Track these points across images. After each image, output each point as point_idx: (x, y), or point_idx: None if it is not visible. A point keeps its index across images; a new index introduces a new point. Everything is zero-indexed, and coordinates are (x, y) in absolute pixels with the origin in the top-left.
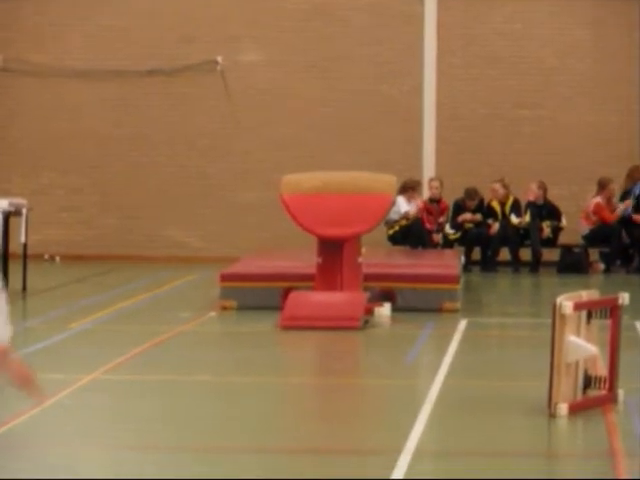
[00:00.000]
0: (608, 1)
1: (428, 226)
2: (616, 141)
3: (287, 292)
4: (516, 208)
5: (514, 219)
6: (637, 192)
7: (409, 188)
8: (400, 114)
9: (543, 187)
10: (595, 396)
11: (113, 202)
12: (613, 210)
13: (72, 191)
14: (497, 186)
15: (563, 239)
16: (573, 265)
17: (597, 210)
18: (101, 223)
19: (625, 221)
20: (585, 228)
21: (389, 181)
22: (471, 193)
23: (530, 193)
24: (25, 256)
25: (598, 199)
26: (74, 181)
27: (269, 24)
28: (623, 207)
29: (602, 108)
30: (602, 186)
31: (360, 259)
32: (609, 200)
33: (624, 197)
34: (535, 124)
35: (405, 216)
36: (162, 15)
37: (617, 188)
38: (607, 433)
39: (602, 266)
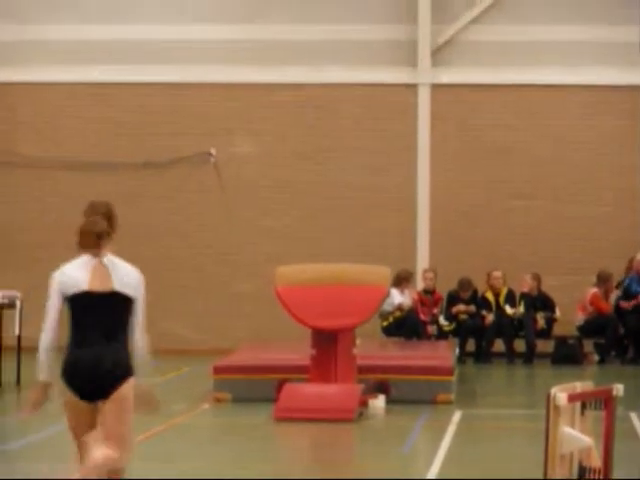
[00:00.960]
0: (603, 91)
1: (422, 317)
2: (610, 232)
3: (281, 384)
4: (510, 299)
5: (508, 310)
6: (626, 282)
7: (402, 279)
8: (394, 205)
9: (537, 278)
10: None
11: None
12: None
13: None
14: (497, 274)
15: (557, 330)
16: (567, 356)
17: (594, 300)
18: None
19: (620, 312)
20: (580, 318)
21: (383, 273)
22: (464, 284)
23: (524, 284)
24: (19, 348)
25: (595, 289)
26: None
27: (262, 116)
28: (615, 296)
29: (596, 199)
30: (602, 280)
31: (354, 351)
32: (607, 294)
33: (618, 287)
34: (528, 214)
35: (399, 307)
36: (155, 107)
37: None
38: None
39: (596, 357)
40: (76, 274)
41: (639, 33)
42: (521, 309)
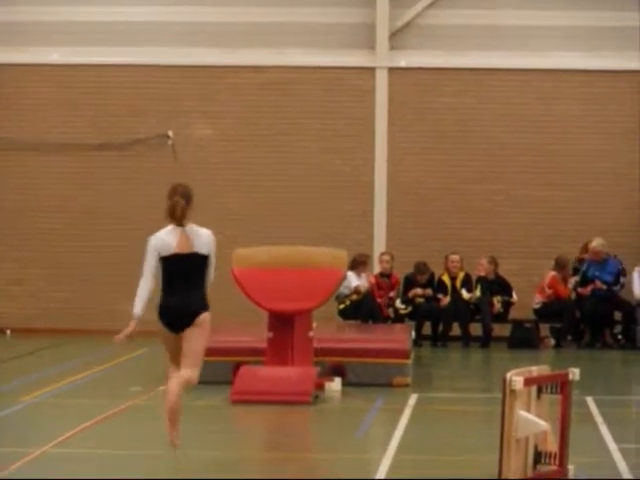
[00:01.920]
0: (562, 75)
1: (379, 300)
2: (566, 216)
3: (238, 367)
4: (467, 283)
5: (465, 294)
6: (584, 268)
7: (359, 263)
8: (351, 188)
9: (494, 262)
10: (545, 471)
11: (64, 275)
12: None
13: (22, 264)
14: (454, 257)
15: (514, 314)
16: (524, 340)
17: (552, 283)
18: (52, 297)
19: (577, 297)
20: (538, 302)
21: (340, 256)
22: (421, 267)
23: (481, 268)
24: None
25: (554, 273)
26: (24, 254)
27: (220, 98)
28: (573, 281)
29: (553, 183)
30: (560, 265)
31: (311, 334)
32: (565, 279)
33: (575, 272)
34: (486, 198)
35: (356, 291)
36: (113, 89)
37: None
38: None
39: (553, 341)
40: (167, 239)
41: (601, 18)
42: (477, 293)
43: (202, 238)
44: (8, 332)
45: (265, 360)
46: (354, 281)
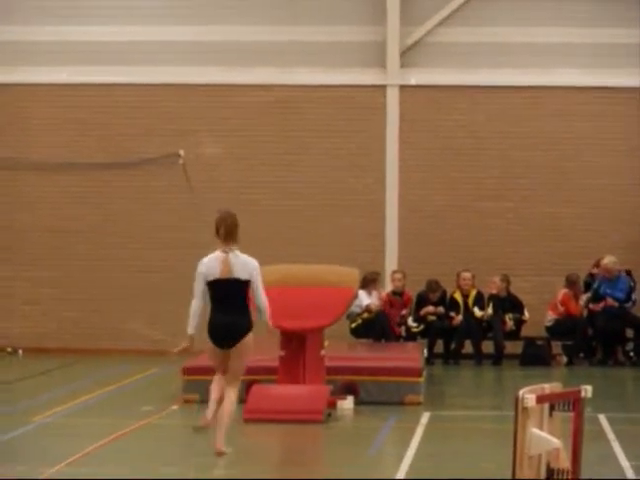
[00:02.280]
0: (573, 93)
1: (391, 319)
2: (577, 233)
3: (250, 385)
4: (479, 300)
5: (477, 312)
6: (595, 285)
7: (370, 281)
8: (363, 206)
9: (506, 280)
10: None
11: (75, 295)
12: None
13: (34, 284)
14: (466, 275)
15: (526, 332)
16: (536, 357)
17: (564, 301)
18: (63, 316)
19: (589, 314)
20: (551, 319)
21: (351, 274)
22: (433, 285)
23: (493, 286)
24: None
25: (566, 290)
26: (35, 274)
27: (230, 117)
28: (585, 298)
29: (563, 199)
30: (571, 282)
31: (323, 352)
32: (576, 296)
33: (587, 288)
34: (497, 216)
35: (367, 309)
36: (123, 108)
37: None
38: None
39: (565, 359)
40: (212, 265)
41: (610, 35)
42: (489, 311)
43: (244, 265)
44: (20, 352)
45: (277, 378)
46: (365, 299)
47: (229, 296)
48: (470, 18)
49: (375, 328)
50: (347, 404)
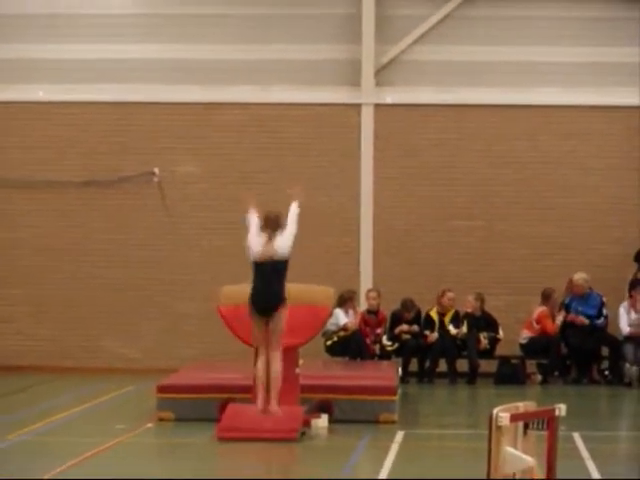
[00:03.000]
0: (544, 110)
1: (366, 337)
2: (551, 252)
3: (225, 403)
4: (456, 319)
5: (452, 330)
6: (566, 301)
7: (346, 299)
8: (337, 224)
9: (480, 298)
10: None
11: (49, 313)
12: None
13: (7, 302)
14: (451, 295)
15: (500, 350)
16: (510, 376)
17: (541, 318)
18: (37, 334)
19: (564, 332)
20: (525, 337)
21: (327, 292)
22: (408, 304)
23: (467, 304)
24: None
25: (543, 308)
26: (10, 292)
27: (206, 135)
28: (561, 318)
29: (537, 218)
30: (545, 297)
31: (297, 370)
32: (552, 310)
33: (561, 309)
34: (471, 234)
35: (344, 328)
36: (99, 126)
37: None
38: None
39: (539, 377)
40: (256, 243)
41: (586, 54)
42: (464, 329)
43: (281, 247)
44: None
45: (252, 397)
46: (342, 318)
47: (270, 270)
48: (445, 37)
49: (350, 346)
50: (322, 422)
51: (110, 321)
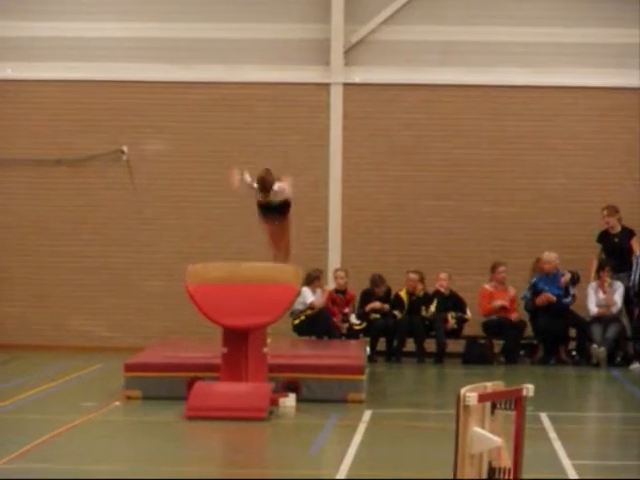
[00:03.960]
0: (512, 91)
1: (334, 316)
2: (520, 232)
3: (192, 382)
4: (424, 299)
5: (423, 310)
6: (533, 281)
7: (314, 278)
8: (306, 204)
9: (448, 278)
10: None
11: (15, 291)
12: (511, 299)
13: None
14: (414, 277)
15: (468, 330)
16: (478, 356)
17: (479, 297)
18: (4, 312)
19: (532, 312)
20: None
21: (294, 272)
22: (377, 280)
23: (443, 283)
24: None
25: (487, 285)
26: None
27: (175, 114)
28: (500, 303)
29: (506, 199)
30: (492, 269)
31: (265, 349)
32: (500, 282)
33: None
34: (439, 214)
35: (310, 306)
36: (69, 105)
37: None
38: None
39: (502, 359)
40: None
41: (550, 35)
42: (432, 308)
43: (280, 193)
44: None
45: (220, 376)
46: (309, 297)
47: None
48: (415, 16)
49: (318, 325)
50: (289, 401)
51: (78, 299)
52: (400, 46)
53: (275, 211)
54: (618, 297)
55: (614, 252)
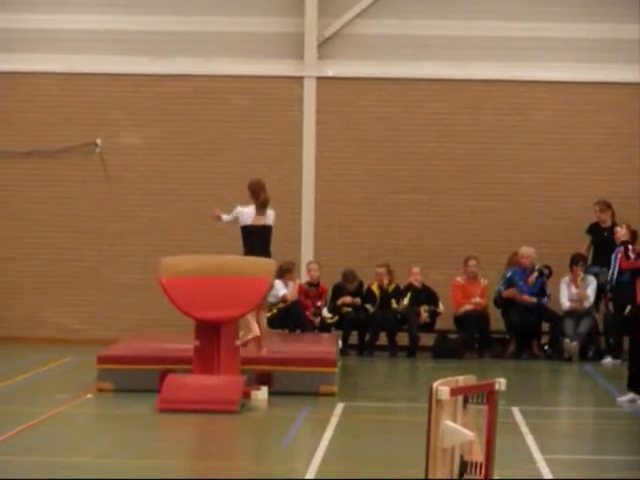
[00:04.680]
0: (486, 84)
1: (306, 309)
2: (492, 226)
3: (164, 375)
4: (396, 293)
5: (393, 304)
6: (508, 274)
7: (286, 271)
8: (278, 197)
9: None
10: None
11: None
12: (483, 291)
13: None
14: (381, 270)
15: (440, 324)
16: (450, 350)
17: (452, 290)
18: None
19: (503, 305)
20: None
21: (267, 264)
22: (349, 276)
23: (412, 276)
24: None
25: (459, 279)
26: None
27: (149, 107)
28: (475, 300)
29: (479, 193)
30: (464, 263)
31: (238, 342)
32: (472, 276)
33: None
34: (412, 208)
35: (283, 299)
36: (41, 96)
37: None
38: None
39: (475, 354)
40: (248, 213)
41: (523, 29)
42: (405, 302)
43: (271, 217)
44: None
45: (192, 368)
46: (281, 289)
47: (259, 235)
48: (389, 10)
49: (290, 318)
50: (261, 394)
51: (51, 291)
52: (374, 40)
53: (258, 235)
54: (591, 292)
55: (602, 246)
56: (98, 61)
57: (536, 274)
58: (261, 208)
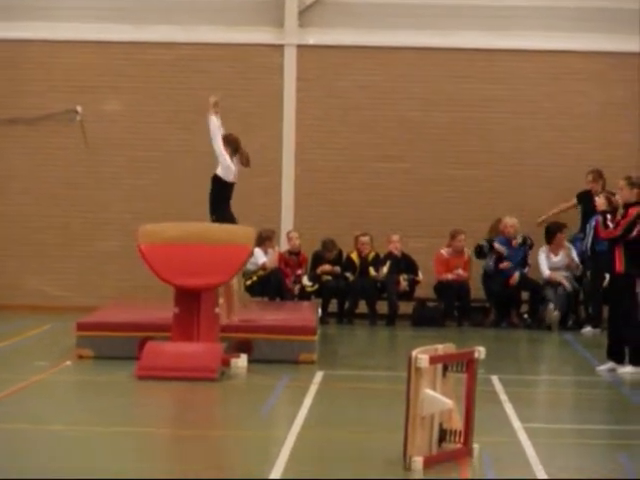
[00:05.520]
0: (469, 52)
1: (286, 278)
2: (474, 195)
3: (144, 342)
4: (377, 263)
5: (372, 272)
6: (495, 245)
7: (265, 238)
8: (259, 165)
9: (402, 240)
10: (450, 450)
11: None
12: (465, 263)
13: None
14: (365, 239)
15: (419, 292)
16: (429, 318)
17: (435, 263)
18: None
19: (486, 275)
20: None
21: (247, 232)
22: (328, 245)
23: (392, 244)
24: None
25: (443, 251)
26: None
27: (130, 74)
28: (458, 272)
29: (461, 162)
30: (452, 237)
31: (217, 310)
32: (458, 252)
33: (481, 253)
34: (393, 177)
35: (262, 267)
36: (24, 64)
37: (465, 239)
38: None
39: (455, 323)
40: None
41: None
42: (385, 270)
43: None
44: None
45: (171, 336)
46: (261, 257)
47: None
48: None
49: (270, 286)
50: (241, 362)
51: (31, 259)
52: (355, 8)
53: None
54: (576, 257)
55: (591, 214)
56: (79, 29)
57: (520, 239)
58: (245, 165)
